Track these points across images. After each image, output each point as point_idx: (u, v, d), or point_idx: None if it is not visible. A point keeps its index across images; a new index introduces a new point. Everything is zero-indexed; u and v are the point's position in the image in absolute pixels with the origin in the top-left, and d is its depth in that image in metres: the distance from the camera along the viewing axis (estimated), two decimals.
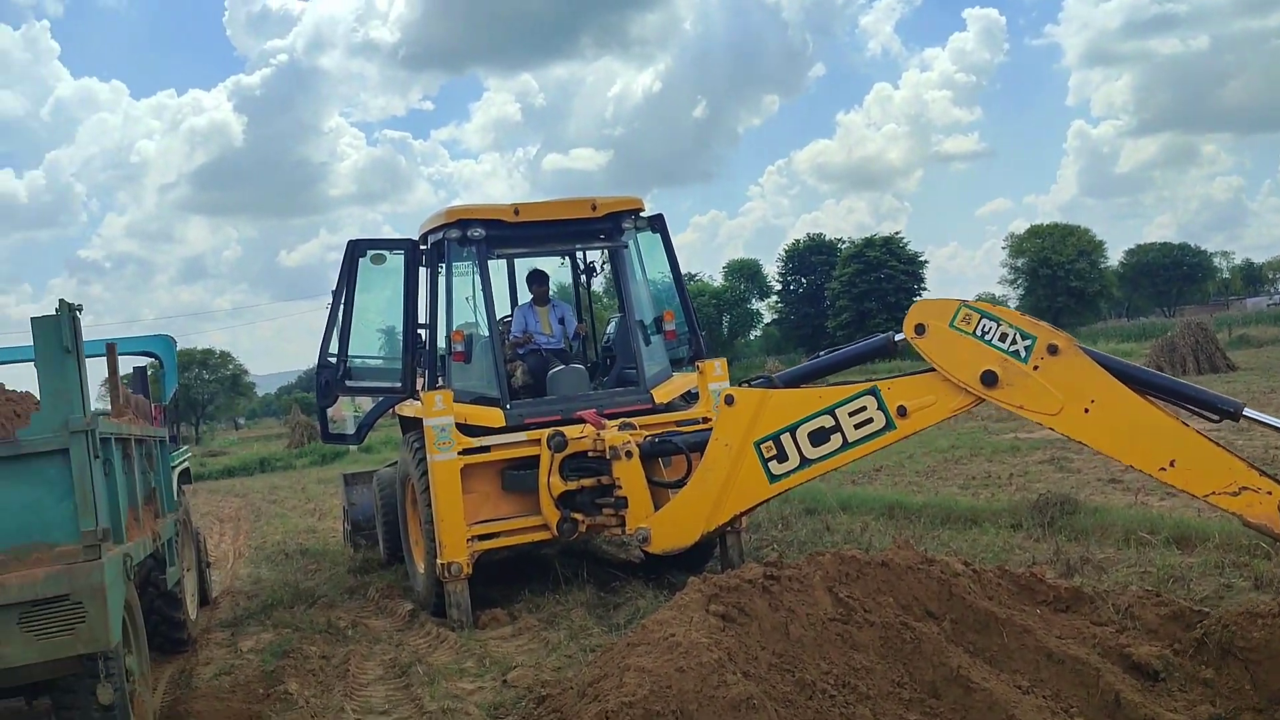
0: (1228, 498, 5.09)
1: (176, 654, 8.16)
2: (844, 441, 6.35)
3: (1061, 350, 5.55)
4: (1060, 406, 5.55)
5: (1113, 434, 5.44)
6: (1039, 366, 5.59)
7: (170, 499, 7.87)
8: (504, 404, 8.57)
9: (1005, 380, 5.71)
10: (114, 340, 7.48)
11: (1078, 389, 5.50)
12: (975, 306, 5.86)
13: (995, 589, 5.71)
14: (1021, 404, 5.69)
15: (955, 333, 5.87)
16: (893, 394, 6.20)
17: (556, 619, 7.84)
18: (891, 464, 14.67)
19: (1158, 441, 5.29)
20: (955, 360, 5.90)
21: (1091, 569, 7.45)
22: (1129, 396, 5.39)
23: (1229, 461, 5.12)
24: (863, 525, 10.07)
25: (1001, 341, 5.71)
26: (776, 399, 6.68)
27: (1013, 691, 4.71)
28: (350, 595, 9.97)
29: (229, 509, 20.78)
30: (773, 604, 5.28)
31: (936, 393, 6.08)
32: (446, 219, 8.80)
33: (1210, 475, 5.14)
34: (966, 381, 5.86)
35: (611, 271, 9.69)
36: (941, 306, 5.97)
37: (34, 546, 4.75)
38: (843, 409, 6.33)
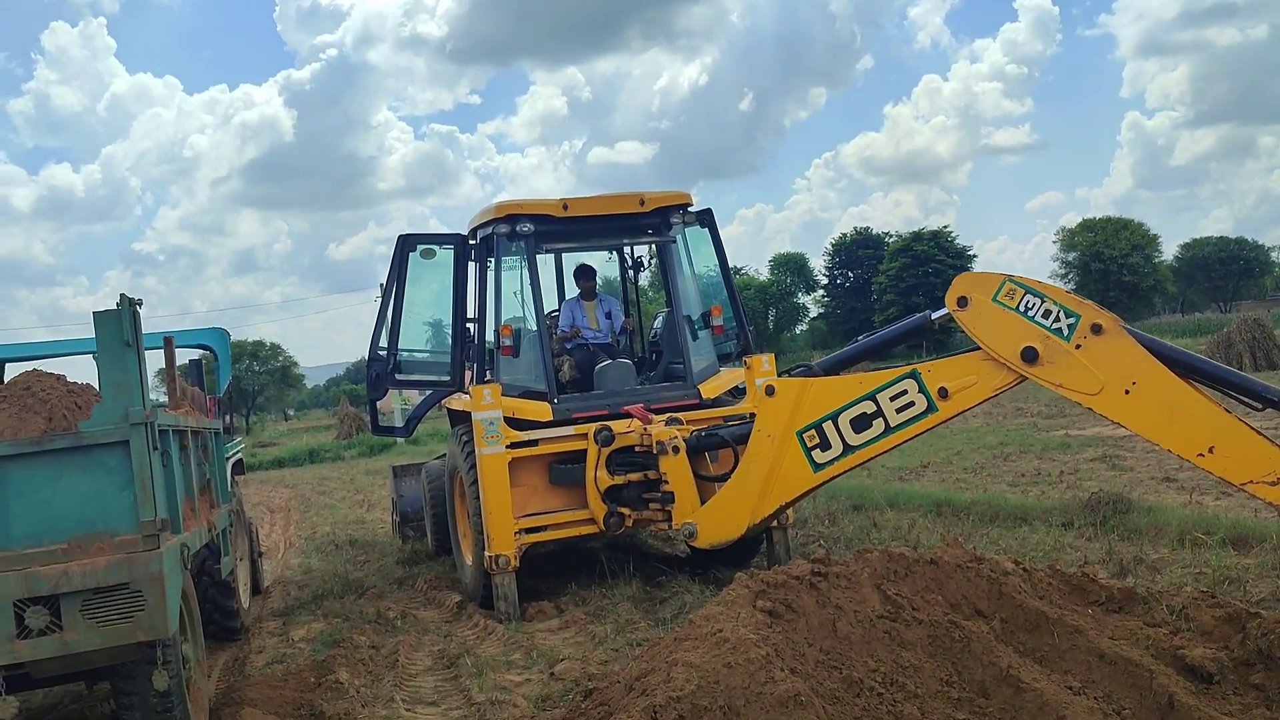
0: (1265, 487, 5.03)
1: (230, 642, 8.31)
2: (886, 426, 6.33)
3: (1105, 330, 5.48)
4: (1101, 386, 5.49)
5: (1153, 417, 5.38)
6: (1081, 345, 5.53)
7: (224, 490, 8.01)
8: (551, 398, 8.62)
9: (1046, 357, 5.65)
10: (170, 334, 7.62)
11: (1119, 370, 5.43)
12: (1020, 281, 5.78)
13: (1046, 588, 5.65)
14: (1061, 382, 5.63)
15: (998, 307, 5.82)
16: (933, 376, 6.16)
17: (603, 612, 7.89)
18: (939, 460, 14.56)
19: (1197, 427, 5.22)
20: (996, 335, 5.85)
21: (1145, 569, 7.35)
22: (1171, 380, 5.31)
23: (1269, 450, 5.05)
24: (910, 522, 10.00)
25: (1045, 318, 5.66)
26: (817, 387, 6.67)
27: (1063, 692, 4.66)
28: (399, 586, 10.08)
29: (279, 499, 21.08)
30: (820, 601, 5.28)
31: (978, 373, 6.03)
32: (496, 214, 8.86)
33: (1249, 463, 5.08)
34: (1007, 357, 5.80)
35: (659, 266, 9.70)
36: (986, 280, 5.92)
37: (96, 536, 4.87)
38: (884, 394, 6.31)
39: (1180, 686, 4.68)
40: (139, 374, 5.05)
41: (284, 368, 78.43)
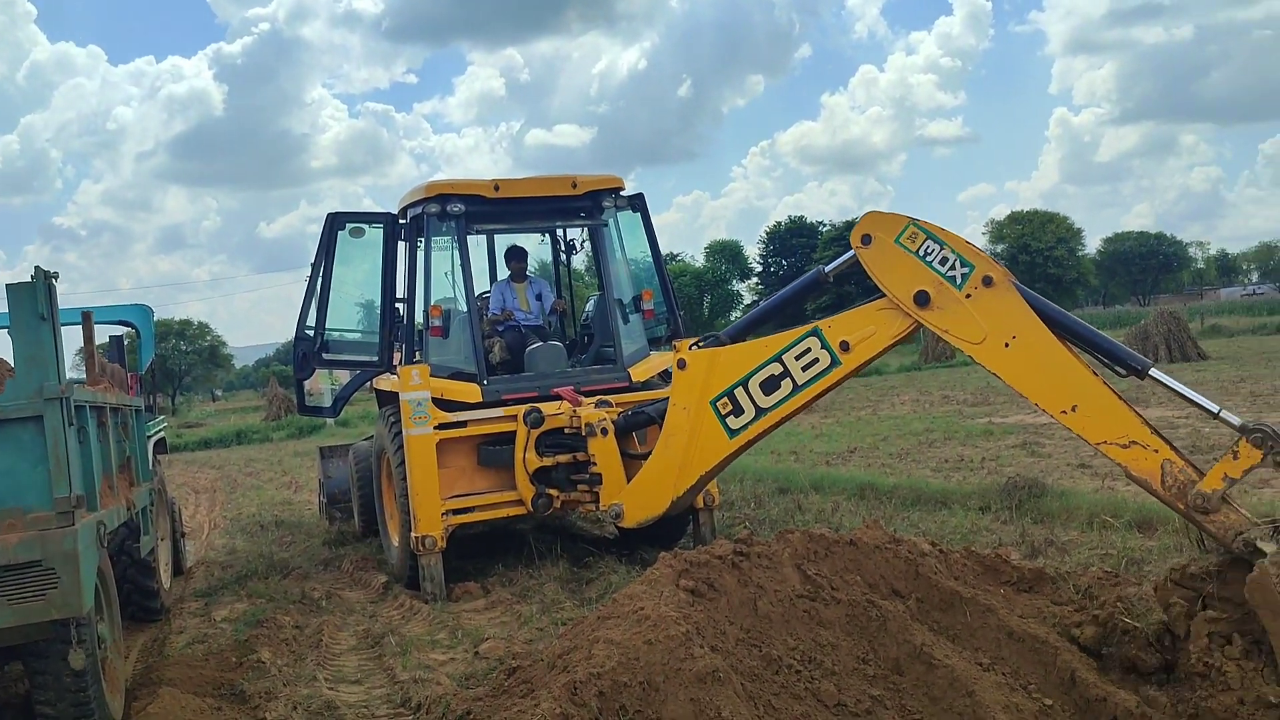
0: (1117, 449, 5.24)
1: (150, 623, 8.18)
2: (795, 385, 6.47)
3: (996, 283, 5.63)
4: (984, 337, 5.66)
5: (1026, 372, 5.57)
6: (971, 295, 5.68)
7: (145, 468, 7.87)
8: (481, 379, 8.60)
9: (937, 303, 5.80)
10: (90, 309, 7.47)
11: (1002, 323, 5.60)
12: (923, 226, 5.90)
13: (961, 569, 5.81)
14: (948, 328, 5.80)
15: (899, 249, 5.94)
16: (834, 331, 6.32)
17: (529, 593, 7.92)
18: (866, 446, 14.81)
19: (1065, 385, 5.42)
20: (893, 276, 5.98)
21: (1055, 551, 7.59)
22: (1048, 338, 5.50)
23: (1126, 415, 5.26)
24: (834, 505, 10.17)
25: (941, 265, 5.79)
26: (725, 355, 6.83)
27: (974, 669, 4.81)
28: (325, 567, 10.01)
29: (205, 480, 20.73)
30: (742, 580, 5.37)
31: (875, 322, 6.18)
32: (426, 193, 8.81)
33: (1106, 425, 5.29)
34: (900, 298, 5.94)
35: (591, 250, 9.71)
36: (891, 220, 6.03)
37: (7, 512, 4.77)
38: (789, 354, 6.47)
39: (1081, 662, 4.86)
40: (54, 348, 4.95)
41: (212, 347, 76.84)
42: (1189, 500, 4.93)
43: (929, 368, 34.54)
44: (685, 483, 7.16)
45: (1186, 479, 5.00)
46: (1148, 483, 5.17)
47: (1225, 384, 19.72)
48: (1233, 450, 4.90)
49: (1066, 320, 5.60)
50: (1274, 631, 4.46)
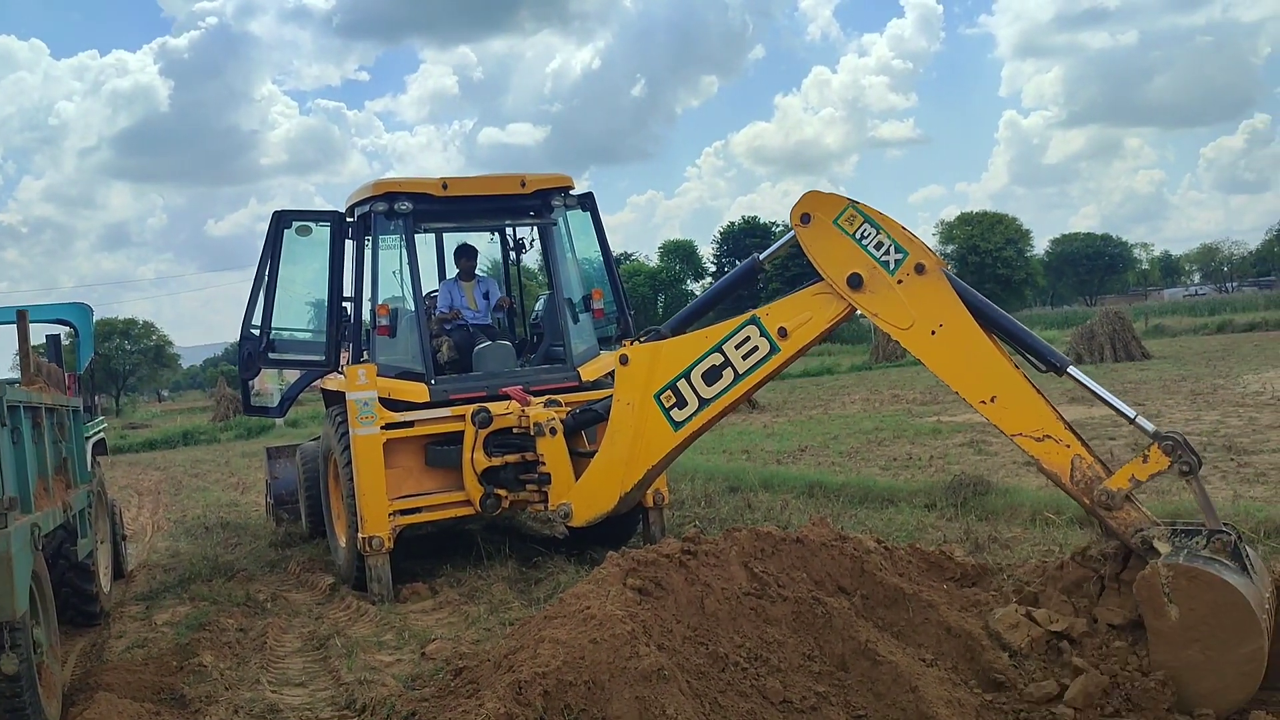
0: (1031, 441, 5.35)
1: (89, 627, 8.02)
2: (736, 374, 6.52)
3: (928, 271, 5.70)
4: (912, 323, 5.74)
5: (949, 360, 5.67)
6: (903, 281, 5.75)
7: (83, 470, 7.72)
8: (429, 379, 8.54)
9: (869, 287, 5.86)
10: (27, 308, 7.32)
11: (931, 311, 5.68)
12: (861, 209, 5.94)
13: (905, 566, 5.87)
14: (878, 312, 5.87)
15: (836, 230, 5.98)
16: (771, 318, 6.36)
17: (477, 593, 7.88)
18: (816, 445, 14.91)
19: (986, 376, 5.52)
20: (829, 256, 6.02)
21: (998, 547, 7.69)
22: (973, 329, 5.58)
23: (1043, 410, 5.37)
24: (783, 503, 10.22)
25: (876, 249, 5.85)
26: (667, 349, 6.87)
27: (917, 664, 4.85)
28: (270, 569, 9.88)
29: (148, 482, 20.40)
30: (689, 578, 5.37)
31: (810, 307, 6.24)
32: (374, 191, 8.73)
33: (1023, 418, 5.40)
34: (834, 279, 6.00)
35: (541, 249, 9.68)
36: (831, 201, 6.05)
37: None
38: (729, 344, 6.52)
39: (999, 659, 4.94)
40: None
41: (158, 347, 75.58)
42: (1094, 496, 5.09)
43: (880, 367, 34.89)
44: (632, 478, 7.18)
45: (1094, 475, 5.15)
46: (1058, 476, 5.29)
47: (1167, 382, 20.11)
48: (1144, 454, 5.04)
49: (993, 313, 5.69)
50: (1153, 628, 4.64)
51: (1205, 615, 4.51)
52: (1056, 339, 39.35)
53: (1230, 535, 4.79)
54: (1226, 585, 4.48)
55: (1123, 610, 4.96)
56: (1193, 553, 4.68)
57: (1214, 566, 4.57)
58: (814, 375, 33.95)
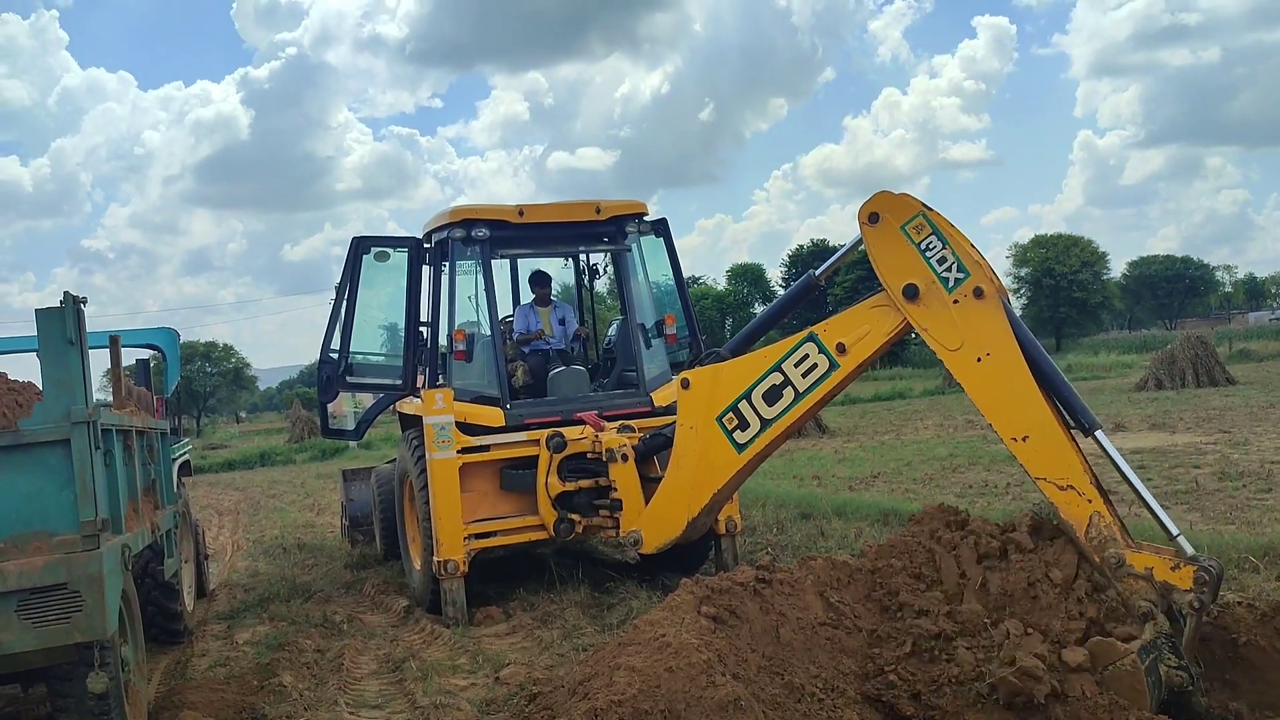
0: (1054, 489, 5.31)
1: (173, 645, 8.21)
2: (796, 393, 6.45)
3: (985, 297, 5.61)
4: (960, 345, 5.67)
5: (990, 390, 5.60)
6: (959, 302, 5.66)
7: (170, 491, 7.92)
8: (504, 403, 8.62)
9: (924, 300, 5.79)
10: (118, 332, 7.53)
11: (981, 338, 5.60)
12: (931, 219, 5.80)
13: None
14: (928, 328, 5.79)
15: (902, 236, 5.87)
16: (829, 334, 6.29)
17: (550, 618, 7.90)
18: (890, 471, 14.73)
19: (1024, 414, 5.45)
20: (890, 262, 5.92)
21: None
22: (1019, 364, 5.50)
23: (1071, 459, 5.31)
24: (857, 531, 10.11)
25: (939, 264, 5.74)
26: (727, 371, 6.82)
27: None
28: (346, 590, 10.02)
29: (228, 502, 20.84)
30: (764, 607, 5.34)
31: (868, 321, 6.17)
32: (451, 218, 8.86)
33: (1051, 463, 5.34)
34: (890, 286, 5.92)
35: (614, 274, 9.74)
36: (902, 203, 5.92)
37: (34, 535, 4.81)
38: (788, 362, 6.45)
39: None
40: (82, 372, 5.00)
41: (237, 369, 77.45)
42: (1105, 557, 5.11)
43: (953, 392, 34.30)
44: (699, 502, 7.15)
45: (1109, 535, 5.15)
46: (1072, 529, 5.28)
47: (1254, 409, 19.52)
48: (1177, 562, 4.97)
49: (1039, 355, 5.59)
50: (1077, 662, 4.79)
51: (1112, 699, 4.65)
52: (1135, 364, 38.48)
53: (1189, 680, 4.81)
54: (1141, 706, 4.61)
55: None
56: (1155, 651, 4.79)
57: (1152, 686, 4.67)
58: (885, 400, 33.58)
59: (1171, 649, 4.84)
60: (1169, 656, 4.81)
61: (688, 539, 7.69)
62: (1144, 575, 4.98)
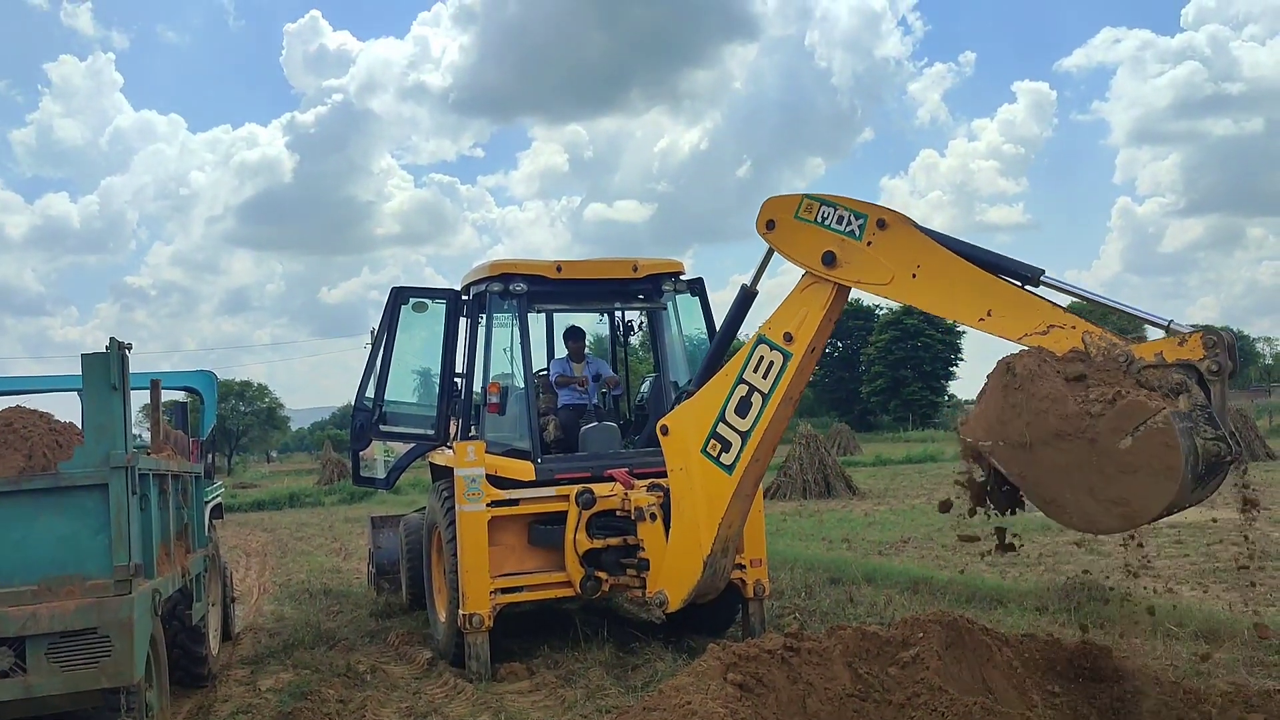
0: (1038, 337, 5.23)
1: (196, 689, 8.19)
2: (763, 397, 6.63)
3: (890, 224, 5.83)
4: (891, 276, 5.82)
5: (937, 294, 5.71)
6: (872, 242, 5.89)
7: (201, 534, 7.97)
8: (535, 458, 8.62)
9: (843, 259, 6.02)
10: (158, 375, 7.64)
11: (905, 258, 5.76)
12: (816, 196, 6.16)
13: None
14: (859, 278, 5.99)
15: (799, 222, 6.24)
16: (774, 329, 6.54)
17: (574, 676, 7.83)
18: (919, 536, 14.58)
19: (976, 295, 5.52)
20: (801, 248, 6.24)
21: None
22: (949, 259, 5.62)
23: (1037, 305, 5.32)
24: (887, 599, 9.98)
25: (839, 224, 6.05)
26: (697, 403, 7.12)
27: None
28: (371, 639, 9.99)
29: (256, 543, 20.90)
30: (791, 676, 5.28)
31: (803, 303, 6.40)
32: (490, 272, 8.94)
33: (1022, 319, 5.32)
34: (811, 265, 6.18)
35: (649, 331, 9.78)
36: (787, 200, 6.34)
37: (67, 578, 4.87)
38: (747, 371, 6.70)
39: None
40: (123, 417, 5.08)
41: (270, 409, 78.12)
42: (1113, 358, 4.87)
43: None
44: (708, 538, 7.18)
45: (1108, 343, 4.98)
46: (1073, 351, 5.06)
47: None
48: (1182, 337, 4.83)
49: (960, 246, 5.70)
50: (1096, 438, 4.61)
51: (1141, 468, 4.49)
52: None
53: (1228, 449, 4.64)
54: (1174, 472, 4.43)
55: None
56: (1191, 423, 4.56)
57: (1187, 444, 4.46)
58: (917, 462, 33.29)
59: (1207, 420, 4.66)
60: (1205, 428, 4.62)
61: (712, 586, 7.60)
62: (1157, 362, 4.79)
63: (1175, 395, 4.69)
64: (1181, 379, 4.74)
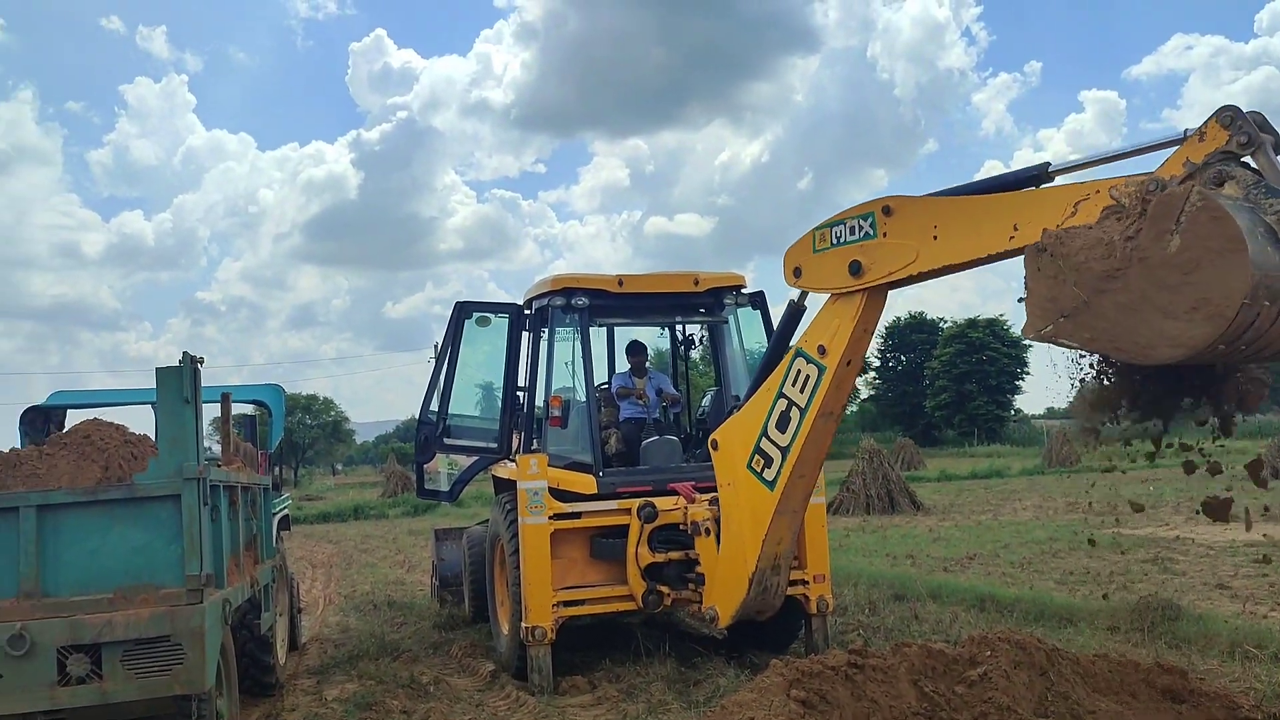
0: (1069, 220, 4.88)
1: (264, 697, 8.32)
2: (801, 411, 6.56)
3: (894, 207, 5.74)
4: (915, 251, 5.66)
5: (961, 238, 5.47)
6: (887, 232, 5.79)
7: (269, 545, 8.10)
8: (597, 471, 8.64)
9: (867, 262, 5.91)
10: (229, 389, 7.79)
11: (920, 226, 5.62)
12: (823, 223, 6.18)
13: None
14: (890, 271, 5.83)
15: (821, 254, 6.20)
16: (809, 343, 6.50)
17: (636, 690, 7.82)
18: (986, 553, 14.34)
19: (994, 218, 5.24)
20: (829, 275, 6.18)
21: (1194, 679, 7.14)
22: (959, 201, 5.45)
23: (1055, 194, 5.03)
24: (952, 616, 9.83)
25: (854, 234, 5.98)
26: (742, 417, 7.12)
27: None
28: (434, 651, 10.07)
29: (322, 555, 21.19)
30: (855, 693, 5.22)
31: (835, 315, 6.33)
32: (552, 286, 9.00)
33: (1047, 214, 4.98)
34: (842, 284, 6.09)
35: (710, 345, 9.77)
36: (802, 243, 6.37)
37: (141, 587, 4.97)
38: (786, 385, 6.65)
39: None
40: (195, 430, 5.19)
41: (335, 422, 79.14)
42: (1145, 195, 4.30)
43: (1052, 472, 33.39)
44: (753, 555, 7.11)
45: (1135, 184, 4.47)
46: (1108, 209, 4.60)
47: None
48: (1200, 132, 4.41)
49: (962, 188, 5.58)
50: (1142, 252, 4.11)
51: (1202, 257, 3.92)
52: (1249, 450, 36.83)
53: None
54: (1238, 241, 3.83)
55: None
56: (1249, 203, 4.05)
57: (1249, 218, 3.92)
58: (982, 478, 32.78)
59: (1267, 194, 4.13)
60: (1268, 202, 4.10)
61: (764, 604, 7.52)
62: (1189, 171, 4.34)
63: (1220, 188, 4.21)
64: (1219, 170, 4.29)
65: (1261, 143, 4.31)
